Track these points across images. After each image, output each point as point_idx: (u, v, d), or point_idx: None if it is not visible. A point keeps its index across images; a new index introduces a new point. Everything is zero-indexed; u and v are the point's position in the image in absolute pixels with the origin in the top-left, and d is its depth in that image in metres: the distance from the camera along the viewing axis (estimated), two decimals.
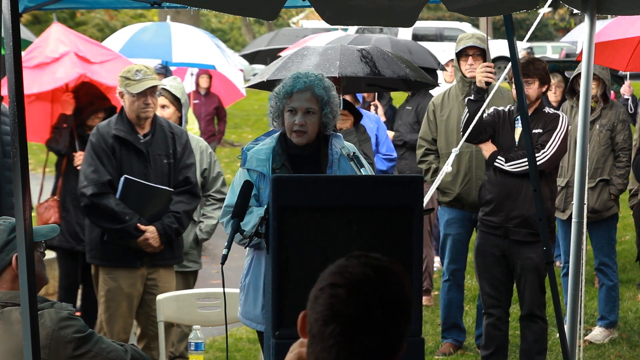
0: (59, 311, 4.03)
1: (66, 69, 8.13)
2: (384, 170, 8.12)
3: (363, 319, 2.16)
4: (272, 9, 4.94)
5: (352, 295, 2.16)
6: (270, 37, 20.15)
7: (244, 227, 4.68)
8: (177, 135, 6.61)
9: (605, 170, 8.23)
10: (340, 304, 2.16)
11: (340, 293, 2.17)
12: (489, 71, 6.84)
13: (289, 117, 5.12)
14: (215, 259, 10.62)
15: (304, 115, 5.09)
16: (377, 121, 8.37)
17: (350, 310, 2.16)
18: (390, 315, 2.18)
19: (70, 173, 7.75)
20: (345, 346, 2.16)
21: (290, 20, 44.56)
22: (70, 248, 7.76)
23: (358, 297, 2.16)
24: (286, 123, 5.13)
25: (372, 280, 2.18)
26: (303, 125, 5.08)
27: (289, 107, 5.12)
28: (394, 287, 2.20)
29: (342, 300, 2.16)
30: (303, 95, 5.11)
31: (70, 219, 7.76)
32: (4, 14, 3.39)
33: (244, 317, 5.18)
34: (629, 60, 8.70)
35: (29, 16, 27.69)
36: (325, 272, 2.22)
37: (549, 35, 47.86)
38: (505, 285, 6.93)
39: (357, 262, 2.20)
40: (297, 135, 5.11)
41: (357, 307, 2.16)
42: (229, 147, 20.70)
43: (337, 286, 2.18)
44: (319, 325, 2.18)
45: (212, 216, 7.20)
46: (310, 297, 2.21)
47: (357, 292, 2.17)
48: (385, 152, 8.20)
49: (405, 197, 4.29)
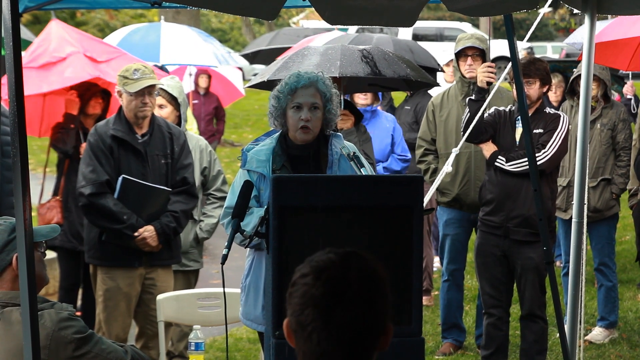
0: (59, 312, 4.02)
1: (75, 69, 8.16)
2: (398, 171, 8.13)
3: (333, 298, 2.24)
4: (272, 9, 4.94)
5: (319, 277, 2.26)
6: (271, 36, 20.12)
7: (245, 228, 4.68)
8: (175, 135, 6.61)
9: (606, 170, 8.24)
10: (310, 289, 2.26)
11: (309, 280, 2.27)
12: (490, 71, 6.84)
13: (293, 114, 5.10)
14: (216, 258, 10.62)
15: (309, 111, 5.09)
16: (393, 121, 8.40)
17: (319, 291, 2.25)
18: (360, 292, 2.25)
19: (73, 173, 7.76)
20: (323, 329, 2.24)
21: (290, 20, 44.54)
22: (72, 248, 7.77)
23: (324, 278, 2.26)
24: (291, 121, 5.11)
25: (336, 263, 2.29)
26: (309, 121, 5.07)
27: (293, 104, 5.10)
28: (360, 265, 2.29)
29: (311, 284, 2.26)
30: (307, 90, 5.10)
31: (73, 219, 7.77)
32: (4, 14, 3.39)
33: (245, 317, 5.18)
34: (630, 60, 8.70)
35: (29, 16, 27.67)
36: (295, 271, 2.33)
37: (549, 35, 47.86)
38: (505, 285, 6.93)
39: (321, 253, 2.33)
40: (303, 131, 5.09)
41: (325, 286, 2.25)
42: (229, 147, 20.71)
43: (305, 275, 2.29)
44: (296, 317, 2.27)
45: (213, 215, 7.20)
46: (287, 299, 2.32)
47: (323, 273, 2.27)
48: (400, 153, 8.22)
49: (405, 197, 4.28)
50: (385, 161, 8.18)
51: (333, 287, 2.25)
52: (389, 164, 8.14)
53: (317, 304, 2.25)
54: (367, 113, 8.32)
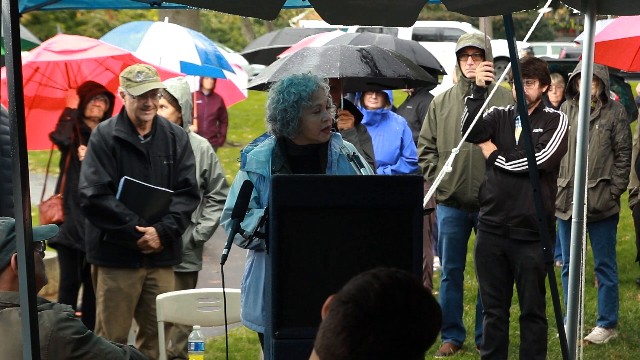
0: (58, 312, 4.02)
1: (101, 50, 8.34)
2: (407, 174, 8.13)
3: (378, 314, 2.13)
4: (272, 9, 4.94)
5: (384, 291, 2.14)
6: (272, 36, 20.09)
7: (245, 228, 4.68)
8: (178, 136, 6.60)
9: (605, 170, 8.23)
10: (369, 292, 2.14)
11: (376, 286, 2.15)
12: (488, 70, 6.85)
13: (314, 117, 5.04)
14: (215, 259, 10.62)
15: (325, 110, 5.10)
16: (403, 124, 8.41)
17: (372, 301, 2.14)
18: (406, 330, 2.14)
19: (73, 171, 7.77)
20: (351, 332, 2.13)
21: (290, 20, 44.56)
22: (68, 245, 7.77)
23: (388, 295, 2.14)
24: (312, 124, 5.05)
25: (410, 302, 2.16)
26: (329, 120, 5.09)
27: (314, 107, 5.04)
28: (425, 316, 2.17)
29: (374, 290, 2.14)
30: (320, 92, 5.08)
31: (72, 217, 7.78)
32: (4, 14, 3.39)
33: (245, 318, 5.19)
34: (632, 60, 8.69)
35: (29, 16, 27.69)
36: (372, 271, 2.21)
37: (549, 35, 47.88)
38: (505, 284, 6.93)
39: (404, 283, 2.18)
40: (327, 132, 5.09)
41: (381, 299, 2.14)
42: (229, 147, 20.70)
43: (378, 278, 2.16)
44: (338, 300, 2.17)
45: (211, 218, 7.19)
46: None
47: (390, 291, 2.15)
48: (408, 156, 8.23)
49: (405, 197, 4.28)
50: (394, 164, 8.19)
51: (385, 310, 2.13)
52: (397, 167, 8.15)
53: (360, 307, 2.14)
54: (378, 116, 8.36)
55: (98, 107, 7.88)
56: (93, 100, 7.88)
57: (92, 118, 7.86)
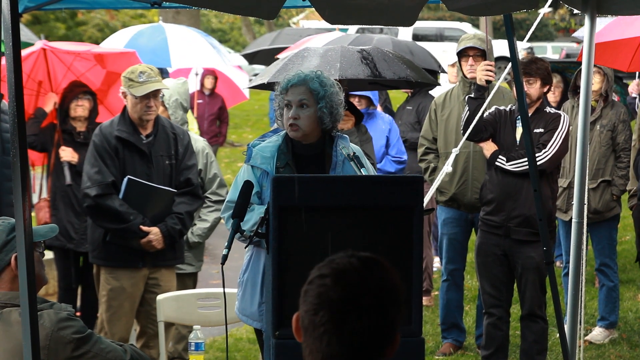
0: (58, 312, 4.02)
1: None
2: (392, 172, 8.11)
3: (350, 304, 2.24)
4: (272, 9, 4.94)
5: (338, 281, 2.26)
6: (273, 36, 20.10)
7: (245, 224, 4.69)
8: (179, 136, 6.61)
9: (606, 171, 8.22)
10: (328, 291, 2.26)
11: (327, 282, 2.27)
12: (489, 69, 6.85)
13: (285, 112, 5.14)
14: (216, 259, 10.62)
15: (297, 108, 5.10)
16: (390, 123, 8.39)
17: (337, 295, 2.25)
18: (377, 301, 2.26)
19: (59, 170, 7.71)
20: (334, 332, 2.24)
21: (290, 20, 44.55)
22: (60, 246, 7.71)
23: (344, 282, 2.26)
24: (284, 119, 5.15)
25: (357, 268, 2.28)
26: (296, 119, 5.09)
27: (284, 102, 5.15)
28: (380, 274, 2.29)
29: (329, 287, 2.26)
30: (297, 89, 5.12)
31: (61, 217, 7.70)
32: (4, 14, 3.38)
33: (241, 313, 5.17)
34: (631, 60, 8.69)
35: (29, 16, 27.68)
36: (314, 268, 2.32)
37: (549, 35, 47.88)
38: (505, 284, 6.92)
39: (343, 255, 2.32)
40: (292, 129, 5.12)
41: (344, 291, 2.25)
42: (229, 147, 20.70)
43: (324, 276, 2.28)
44: (310, 316, 2.27)
45: (207, 219, 7.18)
46: (301, 295, 2.31)
47: (343, 278, 2.27)
48: (394, 155, 8.21)
49: (405, 197, 4.28)
50: (380, 162, 8.18)
51: (351, 294, 2.25)
52: (382, 165, 8.14)
53: (332, 307, 2.25)
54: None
55: (82, 107, 7.72)
56: (75, 100, 7.73)
57: (78, 118, 7.72)
